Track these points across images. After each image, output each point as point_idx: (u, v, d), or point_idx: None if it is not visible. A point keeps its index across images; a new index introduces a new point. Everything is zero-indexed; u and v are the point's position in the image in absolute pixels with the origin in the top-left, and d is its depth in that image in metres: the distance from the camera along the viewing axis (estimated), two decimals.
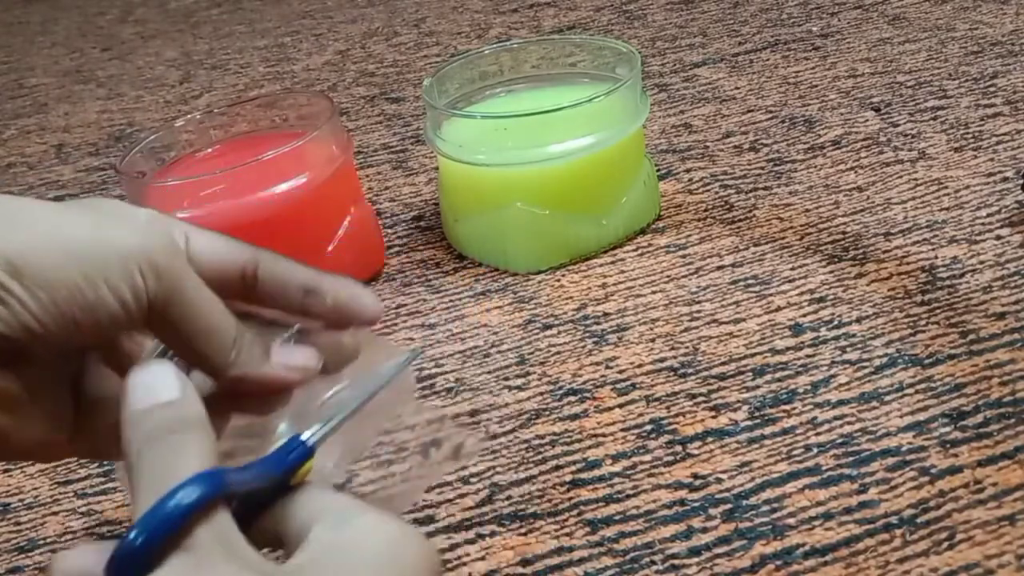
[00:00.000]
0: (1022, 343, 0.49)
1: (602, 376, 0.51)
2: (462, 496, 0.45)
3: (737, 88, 0.81)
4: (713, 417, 0.47)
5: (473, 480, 0.46)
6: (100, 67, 1.17)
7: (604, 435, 0.47)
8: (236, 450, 0.33)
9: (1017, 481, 0.41)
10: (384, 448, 0.35)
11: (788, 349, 0.51)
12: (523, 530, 0.43)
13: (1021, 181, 0.62)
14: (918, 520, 0.40)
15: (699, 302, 0.56)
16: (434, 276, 0.63)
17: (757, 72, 0.84)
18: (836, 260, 0.57)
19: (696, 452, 0.46)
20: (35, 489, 0.50)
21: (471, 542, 0.43)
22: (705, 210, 0.65)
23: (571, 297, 0.58)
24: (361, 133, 0.85)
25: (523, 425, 0.49)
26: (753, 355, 0.51)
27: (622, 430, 0.47)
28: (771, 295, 0.55)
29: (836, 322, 0.52)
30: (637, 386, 0.50)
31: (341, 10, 1.24)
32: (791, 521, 0.41)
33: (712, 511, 0.42)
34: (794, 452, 0.45)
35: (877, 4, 0.95)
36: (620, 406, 0.49)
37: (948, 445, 0.44)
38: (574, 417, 0.49)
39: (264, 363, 0.32)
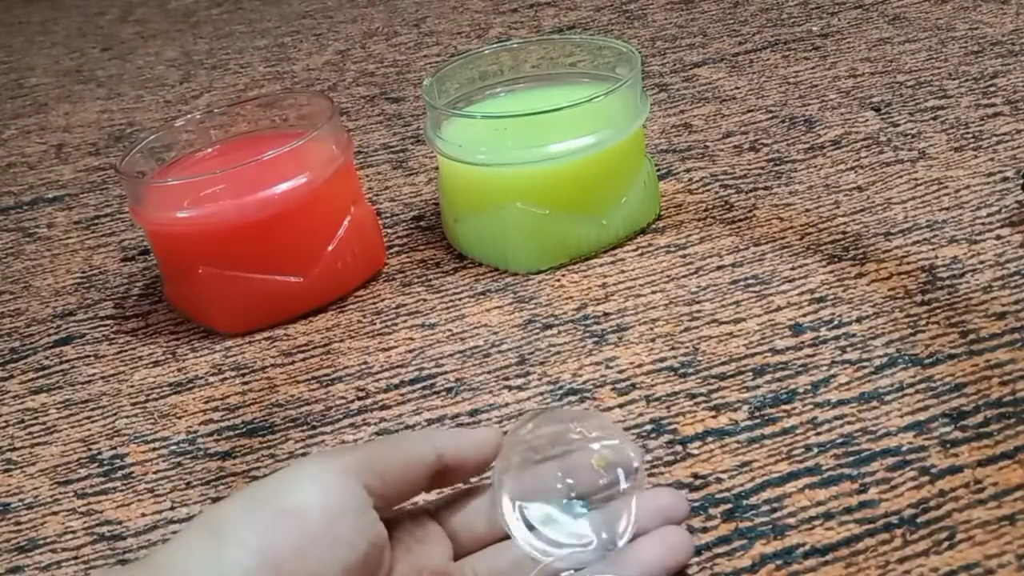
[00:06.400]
0: (1022, 343, 0.49)
1: (602, 376, 0.51)
2: None
3: (737, 88, 0.81)
4: (713, 417, 0.47)
5: (473, 480, 0.46)
6: (100, 67, 1.17)
7: None
8: None
9: (1017, 481, 0.41)
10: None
11: (788, 349, 0.51)
12: None
13: (1021, 181, 0.62)
14: (918, 520, 0.40)
15: (699, 302, 0.56)
16: (434, 276, 0.63)
17: (757, 72, 0.84)
18: (836, 260, 0.57)
19: (696, 452, 0.46)
20: (35, 489, 0.50)
21: None
22: (705, 210, 0.65)
23: (571, 297, 0.58)
24: (361, 133, 0.85)
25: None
26: (753, 355, 0.51)
27: (622, 430, 0.47)
28: (771, 295, 0.55)
29: (836, 322, 0.52)
30: (637, 386, 0.50)
31: (341, 10, 1.24)
32: (791, 521, 0.41)
33: (712, 511, 0.42)
34: (794, 452, 0.45)
35: (877, 4, 0.95)
36: (620, 406, 0.49)
37: (948, 445, 0.44)
38: None
39: None
